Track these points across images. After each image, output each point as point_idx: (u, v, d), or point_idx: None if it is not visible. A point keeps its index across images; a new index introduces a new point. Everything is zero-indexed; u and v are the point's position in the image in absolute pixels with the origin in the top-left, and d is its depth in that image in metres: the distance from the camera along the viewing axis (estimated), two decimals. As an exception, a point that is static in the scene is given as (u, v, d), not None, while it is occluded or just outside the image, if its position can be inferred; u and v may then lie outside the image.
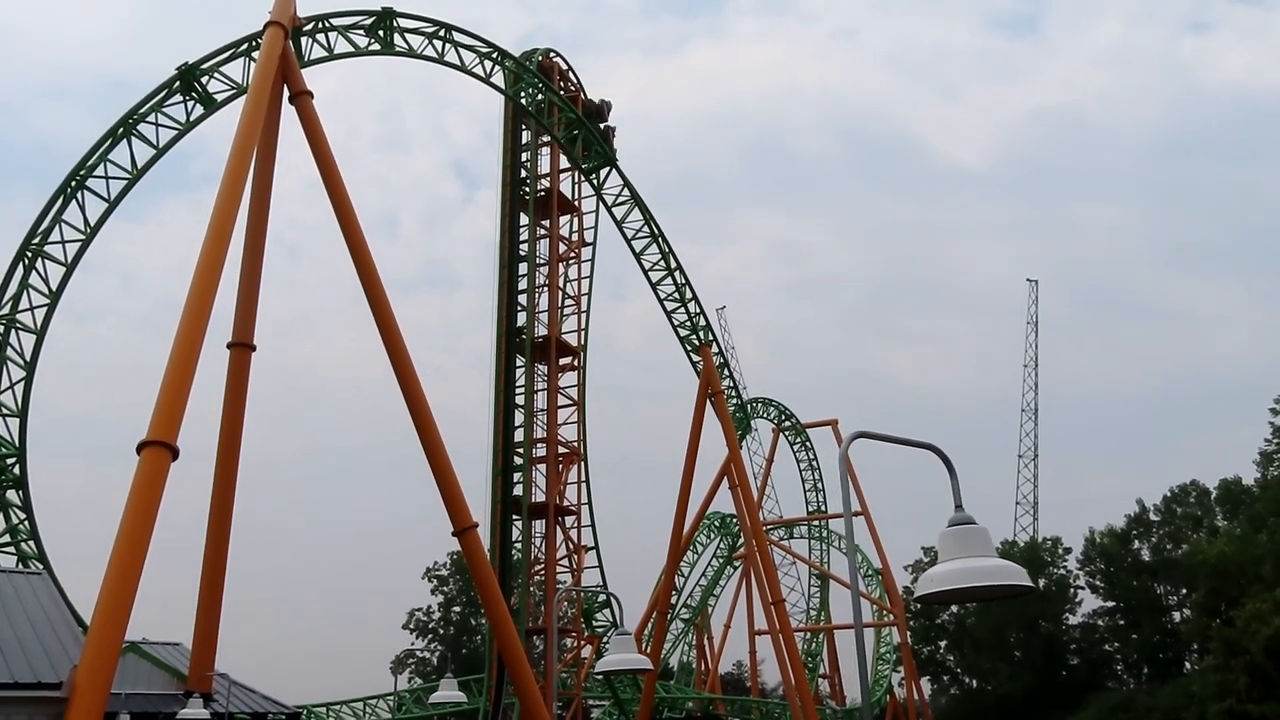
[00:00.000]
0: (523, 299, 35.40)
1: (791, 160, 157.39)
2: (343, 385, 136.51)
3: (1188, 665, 65.82)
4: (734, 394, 44.29)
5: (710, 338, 39.48)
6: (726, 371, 42.45)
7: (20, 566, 22.58)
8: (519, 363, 34.64)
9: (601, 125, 39.58)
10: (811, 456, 59.31)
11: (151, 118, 25.85)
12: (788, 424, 57.50)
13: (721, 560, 55.76)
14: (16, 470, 24.94)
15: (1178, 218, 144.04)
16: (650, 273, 38.45)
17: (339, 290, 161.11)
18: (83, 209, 25.85)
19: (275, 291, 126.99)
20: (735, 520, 48.08)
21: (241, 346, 22.32)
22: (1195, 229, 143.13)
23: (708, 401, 38.37)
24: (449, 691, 14.59)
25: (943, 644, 76.91)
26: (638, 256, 38.47)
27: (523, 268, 35.71)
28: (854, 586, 4.38)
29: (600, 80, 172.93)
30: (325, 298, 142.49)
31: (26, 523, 24.49)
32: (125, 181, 25.88)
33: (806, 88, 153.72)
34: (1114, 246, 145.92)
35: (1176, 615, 70.67)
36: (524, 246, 35.90)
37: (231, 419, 21.54)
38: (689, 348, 39.38)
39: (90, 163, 25.95)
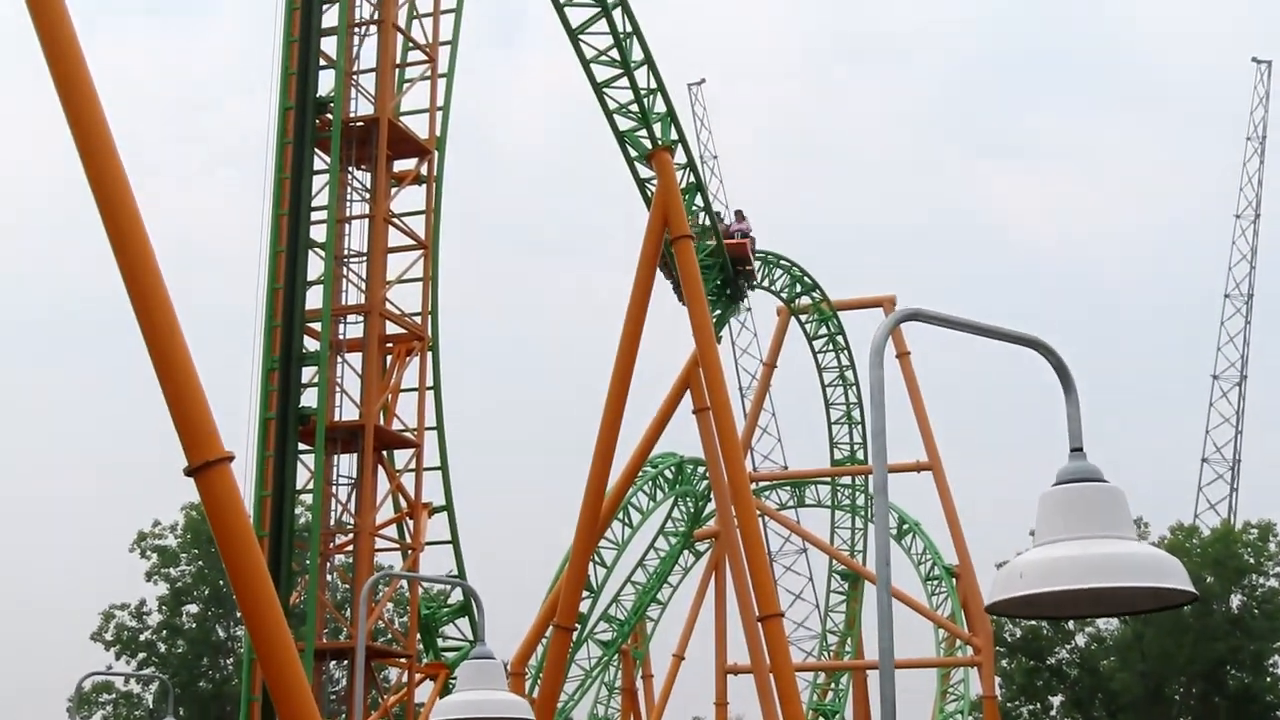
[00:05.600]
0: (329, 47, 34.71)
1: None
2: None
3: None
4: (712, 240, 44.25)
5: (675, 136, 39.17)
6: (700, 200, 42.31)
7: None
8: (319, 165, 34.17)
9: None
10: (846, 361, 59.91)
11: None
12: (806, 299, 57.87)
13: (675, 540, 56.65)
14: None
15: None
16: (566, 9, 37.80)
17: None
18: None
19: None
20: (701, 469, 48.59)
21: None
22: None
23: (663, 254, 38.29)
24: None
25: (1055, 700, 79.29)
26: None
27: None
28: (883, 588, 4.41)
29: None
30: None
31: None
32: None
33: None
34: None
35: None
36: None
37: None
38: (633, 151, 39.06)
39: None
